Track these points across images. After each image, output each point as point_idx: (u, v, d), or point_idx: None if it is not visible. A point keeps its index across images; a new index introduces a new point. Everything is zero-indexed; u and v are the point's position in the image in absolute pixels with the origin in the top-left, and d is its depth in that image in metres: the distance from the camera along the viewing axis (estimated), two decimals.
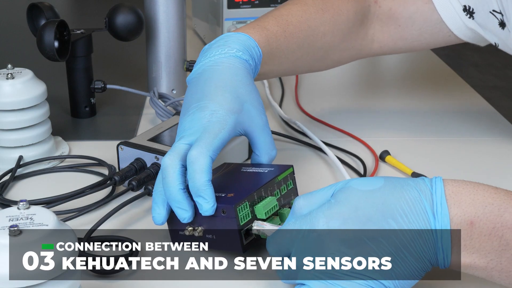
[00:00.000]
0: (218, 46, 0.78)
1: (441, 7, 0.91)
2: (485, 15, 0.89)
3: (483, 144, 0.98)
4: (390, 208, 0.60)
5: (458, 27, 0.92)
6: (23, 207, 0.53)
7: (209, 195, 0.67)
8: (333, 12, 0.90)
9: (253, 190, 0.69)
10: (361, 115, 1.08)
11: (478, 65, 3.54)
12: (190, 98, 0.75)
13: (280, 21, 0.85)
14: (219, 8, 1.24)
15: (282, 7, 0.89)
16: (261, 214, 0.69)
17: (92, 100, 1.06)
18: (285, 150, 0.96)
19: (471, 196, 0.60)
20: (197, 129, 0.71)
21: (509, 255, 0.58)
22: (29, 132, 0.89)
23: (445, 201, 0.59)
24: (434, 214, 0.59)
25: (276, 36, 0.83)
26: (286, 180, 0.74)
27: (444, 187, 0.60)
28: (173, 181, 0.68)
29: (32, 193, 0.83)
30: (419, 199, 0.60)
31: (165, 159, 0.69)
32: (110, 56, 1.33)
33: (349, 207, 0.61)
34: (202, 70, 0.77)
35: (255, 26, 0.83)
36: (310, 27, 0.88)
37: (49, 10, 1.04)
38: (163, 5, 1.08)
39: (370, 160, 0.92)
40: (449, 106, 1.12)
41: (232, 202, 0.68)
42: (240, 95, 0.74)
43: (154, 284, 0.68)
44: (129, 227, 0.77)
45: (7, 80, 0.86)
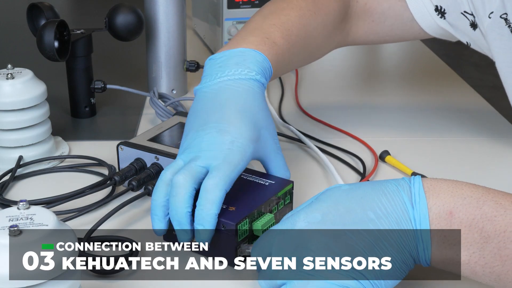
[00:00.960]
0: (237, 64, 0.77)
1: (413, 6, 0.93)
2: (457, 15, 0.91)
3: (483, 144, 0.98)
4: (369, 201, 0.60)
5: (429, 26, 0.94)
6: (23, 207, 0.53)
7: (211, 227, 0.67)
8: (323, 14, 0.92)
9: (254, 207, 0.70)
10: (361, 115, 1.08)
11: (478, 65, 3.54)
12: (207, 114, 0.74)
13: (284, 32, 0.85)
14: (219, 8, 1.24)
15: (280, 12, 0.88)
16: (258, 231, 0.70)
17: (92, 100, 1.06)
18: (285, 150, 0.96)
19: (449, 189, 0.60)
20: (216, 155, 0.70)
21: (491, 248, 0.58)
22: (29, 132, 0.89)
23: (423, 193, 0.60)
24: (413, 204, 0.59)
25: (283, 52, 0.84)
26: (285, 196, 0.74)
27: (423, 182, 0.61)
28: (182, 202, 0.68)
29: (32, 193, 0.83)
30: (397, 192, 0.60)
31: (179, 177, 0.68)
32: (110, 56, 1.33)
33: (329, 203, 0.61)
34: (220, 87, 0.76)
35: (265, 41, 0.82)
36: (307, 33, 0.89)
37: (49, 10, 1.04)
38: (163, 5, 1.08)
39: (369, 160, 0.92)
40: (449, 106, 1.12)
41: (234, 219, 0.68)
42: (258, 122, 0.74)
43: (154, 284, 0.68)
44: (129, 227, 0.77)
45: (7, 80, 0.86)
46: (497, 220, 0.58)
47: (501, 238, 0.57)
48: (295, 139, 0.98)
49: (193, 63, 1.13)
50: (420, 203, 0.59)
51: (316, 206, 0.62)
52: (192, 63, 1.13)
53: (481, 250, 0.58)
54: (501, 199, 0.59)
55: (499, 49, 0.88)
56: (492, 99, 1.18)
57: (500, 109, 1.14)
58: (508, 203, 0.59)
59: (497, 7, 0.85)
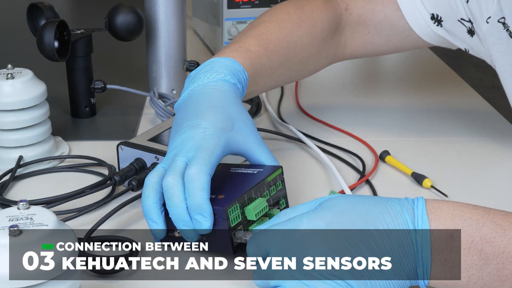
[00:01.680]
0: (206, 72, 0.79)
1: (408, 15, 0.93)
2: (453, 23, 0.91)
3: (483, 144, 0.98)
4: (373, 218, 0.61)
5: (426, 34, 0.94)
6: (23, 207, 0.53)
7: (208, 213, 0.67)
8: (309, 24, 0.92)
9: (243, 192, 0.70)
10: (361, 115, 1.07)
11: (478, 65, 3.53)
12: (181, 119, 0.75)
13: (260, 41, 0.86)
14: (219, 8, 1.24)
15: (259, 25, 0.90)
16: (251, 215, 0.69)
17: (92, 100, 1.06)
18: (285, 150, 0.96)
19: (450, 211, 0.61)
20: (191, 146, 0.71)
21: (490, 270, 0.59)
22: (29, 132, 0.89)
23: (426, 216, 0.60)
24: (415, 226, 0.60)
25: (259, 57, 0.84)
26: (275, 181, 0.74)
27: (426, 203, 0.61)
28: (180, 201, 0.68)
29: (32, 193, 0.83)
30: (401, 212, 0.61)
31: (168, 179, 0.69)
32: (110, 56, 1.33)
33: (334, 212, 0.62)
34: (190, 94, 0.78)
35: (238, 49, 0.83)
36: (289, 43, 0.89)
37: (49, 10, 1.04)
38: (163, 5, 1.08)
39: (370, 159, 0.92)
40: (449, 106, 1.12)
41: (223, 204, 0.68)
42: (231, 114, 0.75)
43: (154, 284, 0.68)
44: (129, 227, 0.77)
45: (7, 80, 0.86)
46: (496, 242, 0.59)
47: (499, 259, 0.58)
48: (294, 138, 0.98)
49: (193, 63, 1.13)
50: (423, 226, 0.60)
51: (320, 213, 0.62)
52: (192, 63, 1.13)
53: (480, 271, 0.59)
54: (501, 220, 0.60)
55: (498, 53, 0.88)
56: (492, 99, 1.18)
57: (500, 109, 1.14)
58: (507, 224, 0.59)
59: (495, 12, 0.85)
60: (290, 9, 0.93)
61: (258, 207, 0.70)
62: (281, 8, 0.94)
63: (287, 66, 0.90)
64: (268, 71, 0.87)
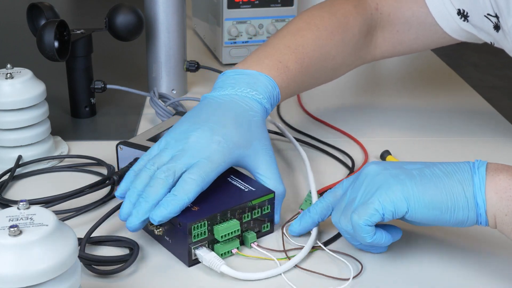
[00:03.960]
0: (247, 84, 0.81)
1: (435, 11, 0.94)
2: (480, 18, 0.91)
3: (483, 144, 0.99)
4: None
5: (453, 29, 0.95)
6: (23, 207, 0.53)
7: (172, 211, 0.68)
8: (341, 31, 0.93)
9: (219, 210, 0.69)
10: (362, 115, 1.08)
11: (477, 65, 3.53)
12: (207, 115, 0.77)
13: (298, 55, 0.88)
14: (219, 8, 1.24)
15: (296, 33, 0.91)
16: (218, 236, 0.70)
17: (92, 100, 1.06)
18: (286, 150, 0.96)
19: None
20: (201, 151, 0.72)
21: None
22: (28, 131, 0.89)
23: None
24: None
25: (295, 75, 0.87)
26: (263, 205, 0.73)
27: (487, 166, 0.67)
28: (155, 194, 0.70)
29: (31, 193, 0.83)
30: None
31: (160, 174, 0.71)
32: (110, 56, 1.33)
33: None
34: (227, 99, 0.80)
35: (278, 65, 0.85)
36: (322, 54, 0.91)
37: (49, 10, 1.04)
38: (163, 5, 1.08)
39: (360, 158, 0.93)
40: (449, 106, 1.12)
41: (190, 219, 0.68)
42: (251, 134, 0.77)
43: (154, 284, 0.68)
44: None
45: (6, 80, 0.86)
46: None
47: None
48: (278, 133, 0.99)
49: (193, 63, 1.13)
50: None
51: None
52: (192, 63, 1.13)
53: None
54: None
55: None
56: (492, 99, 1.18)
57: (500, 109, 1.14)
58: None
59: None
60: (324, 15, 0.93)
61: (227, 229, 0.70)
62: (316, 13, 0.94)
63: (317, 75, 0.93)
64: (300, 86, 0.90)
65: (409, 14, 0.95)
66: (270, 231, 0.75)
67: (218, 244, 0.70)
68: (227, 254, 0.71)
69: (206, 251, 0.69)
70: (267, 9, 1.25)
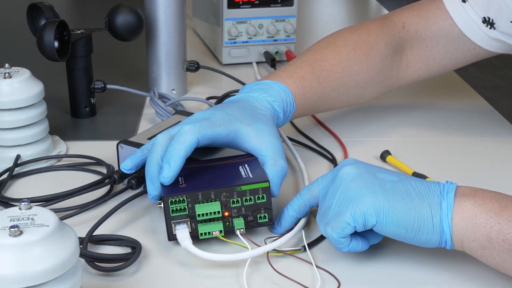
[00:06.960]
0: (261, 90, 0.84)
1: (460, 22, 0.94)
2: (506, 24, 0.91)
3: (483, 144, 0.99)
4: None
5: (481, 39, 0.94)
6: (24, 207, 0.53)
7: (175, 165, 0.71)
8: (364, 48, 0.94)
9: (201, 189, 0.70)
10: (362, 115, 1.07)
11: (478, 65, 3.52)
12: (216, 107, 0.80)
13: (314, 67, 0.90)
14: (219, 8, 1.24)
15: (315, 51, 0.93)
16: (196, 214, 0.71)
17: (92, 100, 1.06)
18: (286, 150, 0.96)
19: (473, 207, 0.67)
20: (200, 117, 0.76)
21: (506, 216, 0.64)
22: (27, 131, 0.89)
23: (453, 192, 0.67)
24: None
25: (311, 84, 0.89)
26: (255, 193, 0.72)
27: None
28: (157, 156, 0.73)
29: (30, 192, 0.83)
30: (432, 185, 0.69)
31: (159, 136, 0.75)
32: (110, 56, 1.33)
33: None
34: (241, 98, 0.83)
35: (293, 75, 0.88)
36: (344, 69, 0.92)
37: (49, 10, 1.04)
38: (163, 5, 1.08)
39: (340, 155, 0.94)
40: (449, 106, 1.12)
41: (170, 192, 0.70)
42: (256, 117, 0.79)
43: (155, 284, 0.68)
44: (129, 226, 0.77)
45: (5, 79, 0.86)
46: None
47: None
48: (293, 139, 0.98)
49: (193, 63, 1.13)
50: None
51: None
52: (192, 63, 1.13)
53: (498, 216, 0.64)
54: None
55: None
56: (492, 99, 1.18)
57: (500, 109, 1.14)
58: None
59: None
60: (345, 35, 0.95)
61: (206, 209, 0.71)
62: (337, 35, 0.96)
63: (341, 91, 0.93)
64: (320, 97, 0.90)
65: (436, 28, 0.95)
66: (268, 223, 0.73)
67: (201, 224, 0.71)
68: (207, 235, 0.71)
69: (183, 227, 0.70)
70: (267, 9, 1.25)
